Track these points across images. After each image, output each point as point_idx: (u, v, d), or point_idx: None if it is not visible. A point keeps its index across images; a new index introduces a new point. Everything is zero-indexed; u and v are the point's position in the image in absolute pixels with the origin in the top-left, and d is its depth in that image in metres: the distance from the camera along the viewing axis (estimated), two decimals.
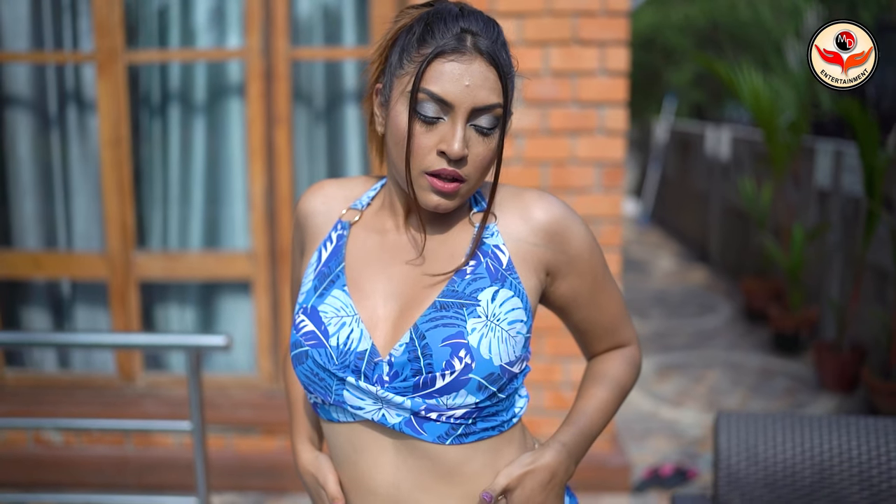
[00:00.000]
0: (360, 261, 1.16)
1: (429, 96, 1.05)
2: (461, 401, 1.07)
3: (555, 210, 1.16)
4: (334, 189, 1.25)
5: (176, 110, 3.54)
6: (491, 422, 1.12)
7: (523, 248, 1.14)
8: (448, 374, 1.05)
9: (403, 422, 1.09)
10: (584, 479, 3.37)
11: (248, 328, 3.58)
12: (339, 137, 3.55)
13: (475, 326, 1.06)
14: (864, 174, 4.12)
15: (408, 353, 1.07)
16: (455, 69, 1.04)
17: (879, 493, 1.98)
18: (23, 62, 3.49)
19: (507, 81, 1.07)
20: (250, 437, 3.44)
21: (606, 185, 3.22)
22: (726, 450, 2.06)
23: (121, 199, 3.43)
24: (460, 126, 1.05)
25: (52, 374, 3.63)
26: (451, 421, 1.09)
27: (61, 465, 3.39)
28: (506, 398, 1.13)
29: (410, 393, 1.07)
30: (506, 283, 1.11)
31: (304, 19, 3.47)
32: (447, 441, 1.10)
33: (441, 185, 1.07)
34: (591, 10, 3.10)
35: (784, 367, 4.96)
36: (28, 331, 3.55)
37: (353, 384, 1.10)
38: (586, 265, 1.19)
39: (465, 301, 1.08)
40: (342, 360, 1.10)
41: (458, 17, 1.07)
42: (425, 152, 1.06)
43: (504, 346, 1.07)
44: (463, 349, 1.05)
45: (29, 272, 3.56)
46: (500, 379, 1.08)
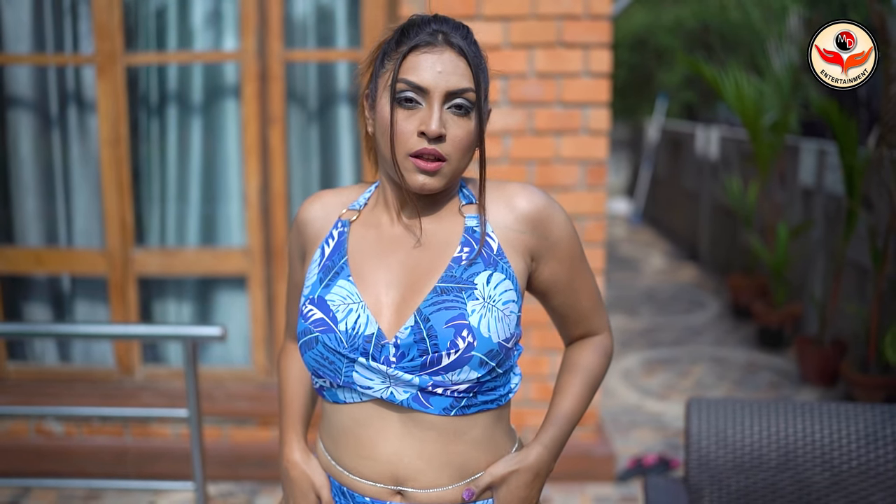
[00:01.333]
0: (361, 253, 1.26)
1: (407, 84, 1.16)
2: (465, 376, 1.18)
3: (537, 200, 1.27)
4: (331, 197, 1.36)
5: (173, 111, 3.64)
6: (490, 395, 1.24)
7: (510, 236, 1.25)
8: (453, 353, 1.16)
9: (411, 397, 1.19)
10: (569, 468, 3.48)
11: (244, 322, 3.68)
12: (331, 137, 3.66)
13: (474, 308, 1.17)
14: (844, 174, 4.23)
15: (413, 335, 1.17)
16: (428, 59, 1.16)
17: (840, 474, 2.09)
18: (24, 64, 3.59)
19: (477, 71, 1.18)
20: (246, 428, 3.54)
21: (590, 183, 3.33)
22: (697, 434, 2.16)
23: (120, 197, 3.53)
24: (437, 108, 1.16)
25: (52, 367, 3.73)
26: (454, 395, 1.20)
27: (62, 455, 3.48)
28: (503, 374, 1.24)
29: (418, 371, 1.17)
30: (498, 267, 1.22)
31: (297, 22, 3.57)
32: (451, 413, 1.20)
33: (424, 165, 1.17)
34: (575, 13, 3.21)
35: (768, 362, 5.08)
36: (29, 322, 3.65)
37: (363, 364, 1.19)
38: (566, 251, 1.30)
39: (463, 285, 1.19)
40: (351, 343, 1.19)
41: (431, 21, 1.21)
42: (408, 136, 1.17)
43: (500, 324, 1.18)
44: (465, 329, 1.16)
45: (30, 268, 3.66)
46: (498, 355, 1.19)
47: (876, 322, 4.04)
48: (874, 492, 2.07)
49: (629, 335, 5.69)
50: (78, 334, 2.64)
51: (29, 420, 3.55)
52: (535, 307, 1.37)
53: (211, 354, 3.76)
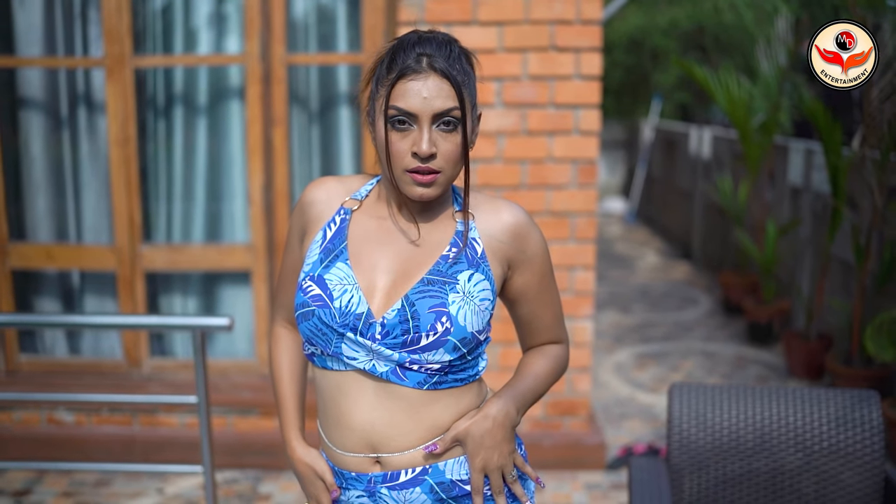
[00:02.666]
0: (360, 240, 1.40)
1: (397, 111, 1.30)
2: (439, 357, 1.33)
3: (520, 217, 1.43)
4: (334, 184, 1.49)
5: (180, 112, 3.77)
6: (459, 375, 1.39)
7: (493, 244, 1.41)
8: (432, 335, 1.31)
9: (390, 371, 1.35)
10: (561, 456, 3.61)
11: (247, 316, 3.81)
12: (332, 137, 3.79)
13: (454, 300, 1.33)
14: (829, 173, 4.37)
15: (399, 316, 1.32)
16: (414, 86, 1.29)
17: (812, 454, 2.22)
18: (36, 67, 3.72)
19: (461, 88, 1.31)
20: (249, 418, 3.67)
21: (581, 181, 3.46)
22: (678, 418, 2.30)
23: (128, 195, 3.66)
24: (426, 130, 1.30)
25: (62, 359, 3.86)
26: (428, 372, 1.35)
27: (72, 444, 3.61)
28: (472, 360, 1.40)
29: (399, 348, 1.33)
30: (479, 268, 1.37)
31: (299, 27, 3.71)
32: (424, 387, 1.36)
33: (420, 178, 1.32)
34: (567, 18, 3.34)
35: (757, 357, 5.22)
36: (43, 313, 3.77)
37: (351, 339, 1.34)
38: (538, 265, 1.45)
39: (447, 279, 1.34)
40: (343, 319, 1.34)
41: (416, 44, 1.32)
42: (402, 155, 1.31)
43: (475, 317, 1.34)
44: (445, 316, 1.31)
45: (42, 263, 3.79)
46: (470, 343, 1.35)
47: (859, 316, 4.18)
48: (843, 471, 2.20)
49: (622, 330, 5.83)
50: (93, 325, 2.77)
51: (41, 410, 3.68)
52: None
53: (216, 347, 3.89)
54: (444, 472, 1.39)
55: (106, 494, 3.43)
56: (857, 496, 2.20)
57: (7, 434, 3.64)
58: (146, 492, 3.45)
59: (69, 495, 3.41)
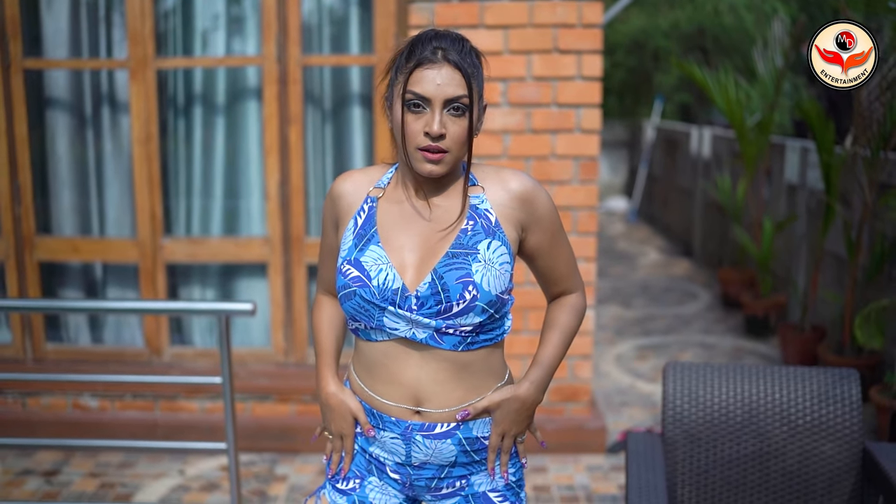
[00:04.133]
0: (387, 224, 1.58)
1: (413, 95, 1.48)
2: (470, 320, 1.52)
3: (526, 183, 1.59)
4: (359, 176, 1.67)
5: (199, 111, 3.95)
6: (489, 335, 1.58)
7: (505, 211, 1.57)
8: (462, 303, 1.49)
9: (428, 336, 1.53)
10: (564, 440, 3.78)
11: (264, 306, 3.99)
12: (345, 135, 3.97)
13: (477, 269, 1.50)
14: (822, 171, 4.54)
15: (431, 288, 1.50)
16: (429, 74, 1.47)
17: (796, 428, 2.39)
18: (63, 68, 3.91)
19: (470, 79, 1.49)
20: (266, 404, 3.85)
21: (583, 178, 3.63)
22: (672, 393, 2.47)
23: (150, 191, 3.84)
24: (438, 113, 1.48)
25: (86, 347, 4.04)
26: (462, 334, 1.53)
27: (97, 428, 3.79)
28: (499, 318, 1.58)
29: (434, 316, 1.51)
30: (496, 236, 1.54)
31: (314, 30, 3.88)
32: (460, 348, 1.55)
33: (430, 156, 1.50)
34: (570, 22, 3.51)
35: (754, 348, 5.38)
36: (73, 299, 3.96)
37: (392, 311, 1.52)
38: (548, 224, 1.62)
39: (468, 251, 1.52)
40: (382, 295, 1.52)
41: (433, 38, 1.50)
42: (416, 134, 1.49)
43: (497, 281, 1.52)
44: (471, 285, 1.49)
45: (67, 256, 3.97)
46: (496, 304, 1.53)
47: (850, 308, 4.34)
48: (825, 443, 2.37)
49: (623, 324, 6.00)
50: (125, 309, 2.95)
51: (67, 395, 3.85)
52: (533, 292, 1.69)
53: (234, 336, 4.06)
54: (472, 430, 1.59)
55: (130, 475, 3.60)
56: (838, 467, 2.36)
57: (36, 418, 3.82)
58: (168, 473, 3.63)
59: (95, 476, 3.59)
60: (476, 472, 1.64)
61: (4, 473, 3.60)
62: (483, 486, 1.64)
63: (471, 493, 1.64)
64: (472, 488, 1.64)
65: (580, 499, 3.42)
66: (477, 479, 1.64)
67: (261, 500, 3.40)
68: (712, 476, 2.43)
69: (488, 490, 1.64)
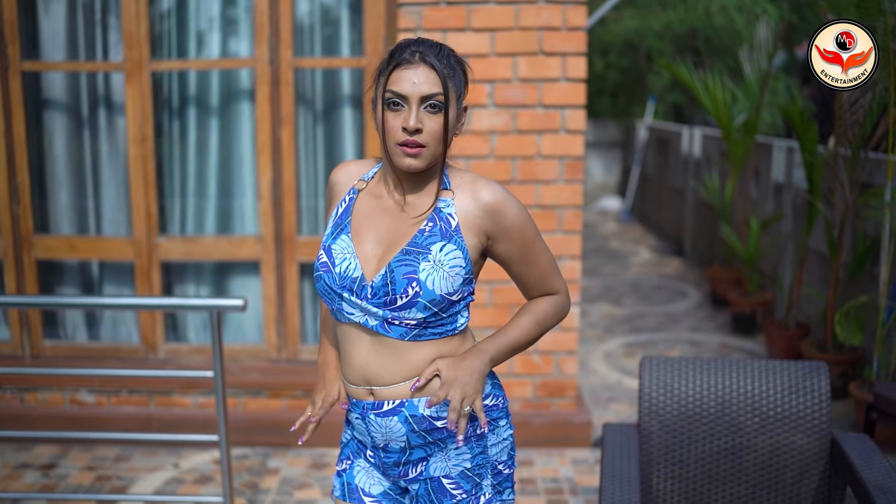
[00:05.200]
0: (361, 217, 1.69)
1: (392, 93, 1.58)
2: (413, 315, 1.60)
3: (496, 195, 1.65)
4: (353, 166, 1.78)
5: (193, 112, 4.04)
6: (437, 330, 1.65)
7: (468, 219, 1.65)
8: (404, 297, 1.59)
9: (378, 325, 1.63)
10: (550, 434, 3.87)
11: (257, 303, 4.07)
12: (336, 136, 4.05)
13: (425, 268, 1.59)
14: (806, 170, 4.63)
15: (382, 281, 1.60)
16: (406, 74, 1.57)
17: (767, 419, 2.48)
18: (60, 71, 3.99)
19: (445, 79, 1.58)
20: (259, 399, 3.93)
21: (568, 177, 3.71)
22: (648, 386, 2.55)
23: (145, 190, 3.93)
24: (414, 109, 1.57)
25: (83, 344, 4.13)
26: (407, 326, 1.62)
27: (93, 423, 3.86)
28: (448, 317, 1.65)
29: (382, 307, 1.61)
30: (452, 240, 1.62)
31: (305, 32, 3.97)
32: (406, 338, 1.64)
33: (408, 150, 1.59)
34: (554, 25, 3.60)
35: (740, 345, 5.47)
36: (69, 295, 4.04)
37: (347, 299, 1.64)
38: (517, 235, 1.68)
39: (421, 250, 1.61)
40: (341, 282, 1.63)
41: (412, 44, 1.60)
42: (395, 130, 1.58)
43: (444, 282, 1.59)
44: (415, 282, 1.58)
45: (64, 254, 4.06)
46: (440, 303, 1.60)
47: (832, 305, 4.43)
48: (794, 433, 2.46)
49: (613, 321, 6.09)
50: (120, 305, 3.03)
51: (64, 391, 3.94)
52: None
53: (227, 333, 4.14)
54: (417, 407, 1.66)
55: (126, 468, 3.69)
56: (807, 456, 2.45)
57: (34, 413, 3.91)
58: (163, 466, 3.71)
59: (91, 469, 3.67)
60: (433, 456, 1.69)
61: (3, 467, 3.68)
62: (438, 471, 1.69)
63: (428, 478, 1.70)
64: (429, 472, 1.70)
65: (564, 491, 3.51)
66: (433, 463, 1.70)
67: (253, 493, 3.48)
68: (687, 466, 2.51)
69: (442, 476, 1.69)
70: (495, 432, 1.73)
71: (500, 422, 1.74)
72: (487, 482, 1.71)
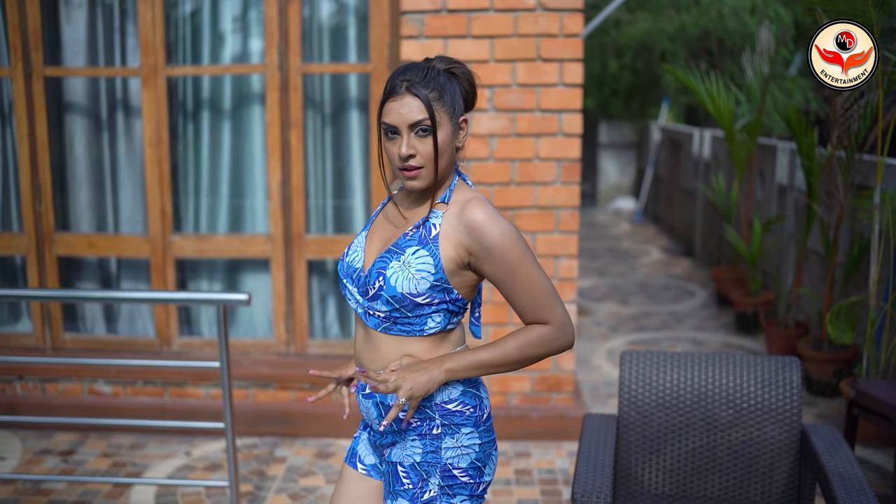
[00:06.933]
0: (380, 219, 1.89)
1: (385, 125, 1.74)
2: (378, 307, 1.76)
3: (479, 215, 1.71)
4: None
5: (206, 116, 4.22)
6: (405, 328, 1.77)
7: (449, 231, 1.75)
8: (372, 289, 1.75)
9: (362, 313, 1.81)
10: (548, 428, 4.00)
11: (266, 299, 4.24)
12: (343, 139, 4.21)
13: (394, 266, 1.73)
14: (804, 173, 4.72)
15: (367, 273, 1.77)
16: (394, 106, 1.71)
17: (741, 410, 2.60)
18: (80, 76, 4.18)
19: (430, 103, 1.71)
20: (268, 390, 4.10)
21: (565, 179, 3.85)
22: (628, 378, 2.68)
23: (160, 191, 4.10)
24: (405, 137, 1.71)
25: (101, 337, 4.31)
26: (378, 318, 1.78)
27: (110, 412, 4.05)
28: (414, 317, 1.76)
29: (363, 297, 1.78)
30: (427, 247, 1.74)
31: (314, 39, 4.13)
32: (379, 329, 1.79)
33: (408, 174, 1.74)
34: (552, 32, 3.73)
35: (741, 344, 5.57)
36: (86, 289, 4.24)
37: (345, 285, 1.85)
38: (499, 257, 1.73)
39: (397, 250, 1.75)
40: (346, 270, 1.85)
41: (402, 73, 1.73)
42: (394, 157, 1.74)
43: (407, 282, 1.71)
44: (381, 277, 1.73)
45: (84, 251, 4.25)
46: (402, 300, 1.72)
47: (828, 305, 4.53)
48: (767, 425, 2.58)
49: (619, 320, 6.20)
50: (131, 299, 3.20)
51: (83, 381, 4.13)
52: None
53: (238, 328, 4.32)
54: (387, 397, 1.80)
55: (140, 455, 3.87)
56: (779, 446, 2.57)
57: (54, 402, 4.10)
58: (175, 454, 3.89)
59: (108, 455, 3.86)
60: (398, 443, 1.82)
61: (25, 452, 3.87)
62: (395, 458, 1.82)
63: (389, 461, 1.84)
64: (391, 456, 1.83)
65: (559, 481, 3.64)
66: (395, 449, 1.83)
67: (260, 480, 3.64)
68: (664, 455, 2.64)
69: (398, 462, 1.81)
70: (455, 437, 1.77)
71: (462, 429, 1.78)
72: (435, 481, 1.77)
